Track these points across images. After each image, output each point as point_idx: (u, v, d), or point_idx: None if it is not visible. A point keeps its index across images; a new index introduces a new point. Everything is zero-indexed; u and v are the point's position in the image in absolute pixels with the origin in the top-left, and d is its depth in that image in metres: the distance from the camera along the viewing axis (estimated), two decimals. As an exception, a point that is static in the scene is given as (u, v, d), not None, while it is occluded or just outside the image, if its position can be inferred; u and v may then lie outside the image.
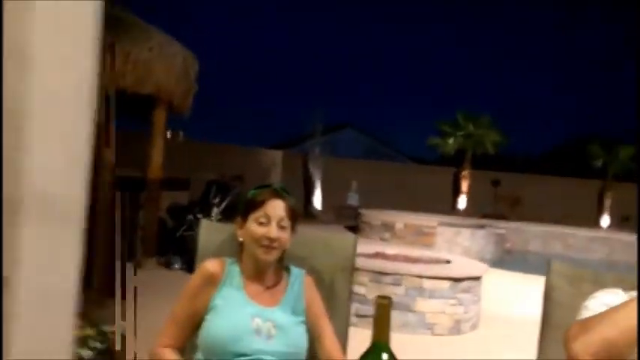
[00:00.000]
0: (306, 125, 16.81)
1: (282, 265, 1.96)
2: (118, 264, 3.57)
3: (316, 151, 16.11)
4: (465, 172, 16.51)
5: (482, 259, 7.41)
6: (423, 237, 10.17)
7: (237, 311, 1.81)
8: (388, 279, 5.32)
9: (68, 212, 1.10)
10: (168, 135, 8.17)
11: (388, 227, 10.73)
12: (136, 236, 7.67)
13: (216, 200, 7.88)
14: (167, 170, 7.73)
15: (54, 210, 0.96)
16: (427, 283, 5.31)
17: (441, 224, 10.40)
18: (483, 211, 15.02)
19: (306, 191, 15.65)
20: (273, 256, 1.86)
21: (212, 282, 1.85)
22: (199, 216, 7.47)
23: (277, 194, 1.90)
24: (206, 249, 2.19)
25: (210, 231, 2.27)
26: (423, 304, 5.29)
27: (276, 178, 15.76)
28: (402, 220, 10.75)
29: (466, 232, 10.20)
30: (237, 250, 1.96)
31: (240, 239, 1.91)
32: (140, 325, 4.69)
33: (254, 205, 1.88)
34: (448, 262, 6.17)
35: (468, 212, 15.42)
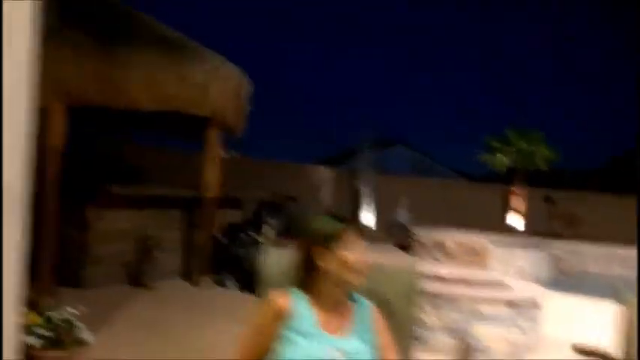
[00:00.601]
0: (355, 142, 16.83)
1: (348, 294, 1.97)
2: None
3: (366, 167, 16.10)
4: (516, 189, 16.20)
5: (537, 280, 7.26)
6: (476, 256, 9.99)
7: (310, 341, 1.84)
8: (445, 302, 5.27)
9: (9, 201, 1.15)
10: (222, 154, 8.28)
11: (440, 246, 10.58)
12: (192, 254, 7.81)
13: (269, 220, 7.97)
14: (220, 189, 7.84)
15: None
16: (484, 307, 5.22)
17: (494, 242, 10.20)
18: (536, 229, 14.70)
19: (355, 208, 15.64)
20: (364, 280, 1.93)
21: (281, 315, 1.89)
22: (252, 234, 7.57)
23: (352, 222, 2.00)
24: (269, 275, 2.24)
25: (272, 257, 2.32)
26: (480, 329, 5.20)
27: (327, 195, 15.81)
28: (455, 238, 10.59)
29: (520, 252, 9.98)
30: (298, 277, 1.98)
31: (323, 266, 1.92)
32: (198, 343, 4.78)
33: (337, 234, 1.93)
34: (505, 284, 6.07)
35: (520, 230, 15.10)
